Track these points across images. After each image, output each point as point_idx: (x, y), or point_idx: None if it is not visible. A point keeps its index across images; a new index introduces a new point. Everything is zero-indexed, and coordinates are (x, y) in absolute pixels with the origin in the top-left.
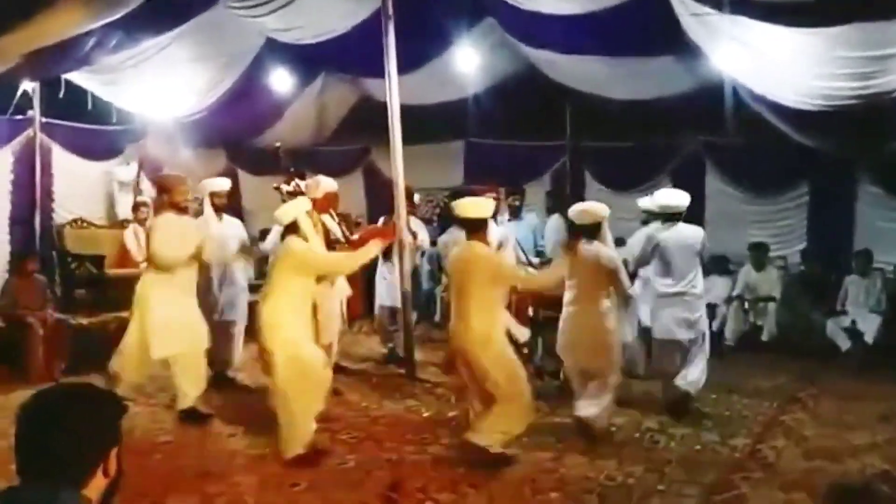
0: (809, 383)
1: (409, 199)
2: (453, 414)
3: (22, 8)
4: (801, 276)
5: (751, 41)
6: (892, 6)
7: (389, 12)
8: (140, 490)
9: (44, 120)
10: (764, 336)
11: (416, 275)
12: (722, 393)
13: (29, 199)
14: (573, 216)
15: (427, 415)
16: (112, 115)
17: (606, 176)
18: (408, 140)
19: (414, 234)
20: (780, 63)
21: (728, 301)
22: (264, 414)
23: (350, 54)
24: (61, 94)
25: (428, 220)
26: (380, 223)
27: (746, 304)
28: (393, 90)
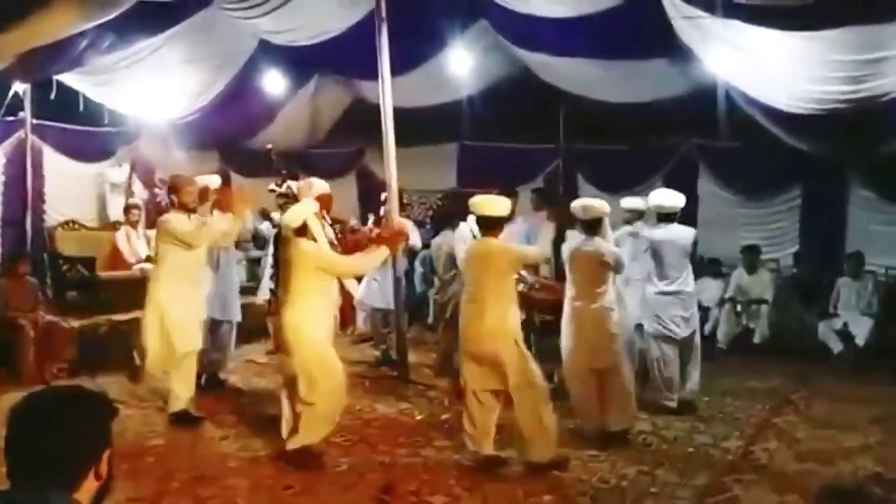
0: (802, 385)
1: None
2: (446, 416)
3: (14, 9)
4: (793, 279)
5: (743, 44)
6: (883, 10)
7: (383, 14)
8: (132, 493)
9: (35, 121)
10: (756, 338)
11: (408, 277)
12: (714, 395)
13: (20, 200)
14: (575, 212)
15: (420, 417)
16: (104, 117)
17: (600, 178)
18: (401, 142)
19: (406, 236)
20: (772, 66)
21: (720, 303)
22: (257, 416)
23: (344, 56)
24: (53, 95)
25: (421, 222)
26: (369, 223)
27: (739, 307)
28: (386, 92)
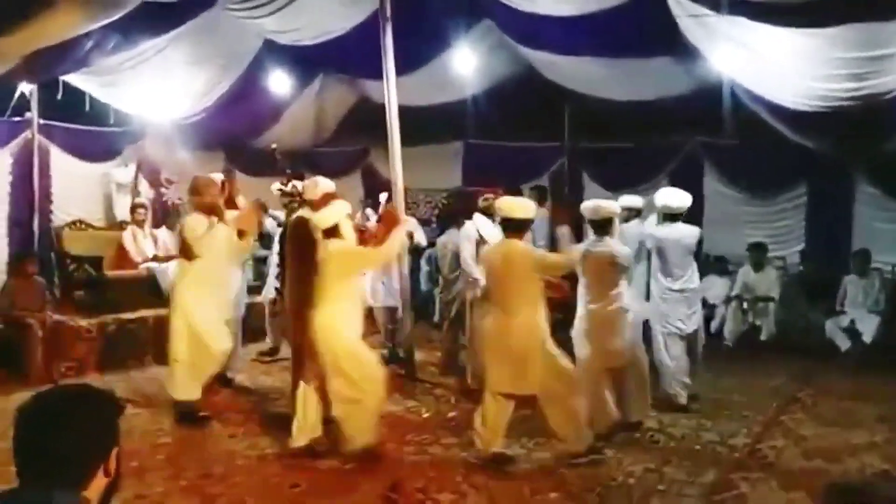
0: (808, 383)
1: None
2: (453, 414)
3: (20, 9)
4: (799, 277)
5: (748, 42)
6: (888, 7)
7: (387, 14)
8: (140, 491)
9: (42, 122)
10: (763, 336)
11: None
12: (721, 393)
13: (27, 200)
14: (586, 213)
15: (427, 415)
16: (110, 117)
17: (604, 177)
18: (406, 141)
19: (410, 234)
20: (777, 64)
21: (727, 301)
22: (264, 415)
23: (348, 55)
24: (59, 95)
25: (426, 220)
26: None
27: (745, 305)
28: (391, 91)
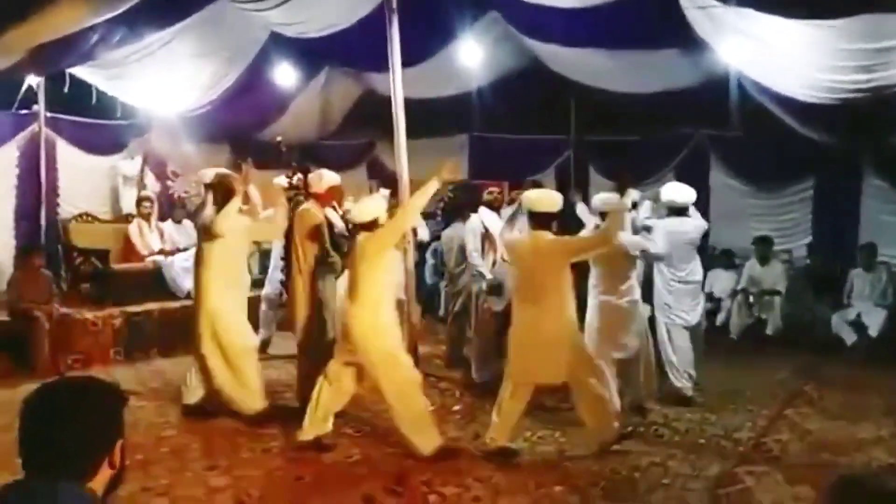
0: (814, 377)
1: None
2: (457, 408)
3: (26, 3)
4: (806, 270)
5: (756, 33)
6: None
7: (393, 6)
8: (146, 483)
9: (48, 114)
10: (768, 330)
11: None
12: (726, 386)
13: (34, 193)
14: (596, 206)
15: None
16: (116, 110)
17: (610, 169)
18: (412, 134)
19: (414, 229)
20: (785, 55)
21: (732, 295)
22: (269, 408)
23: (354, 48)
24: (66, 88)
25: (432, 213)
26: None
27: (751, 298)
28: (397, 84)
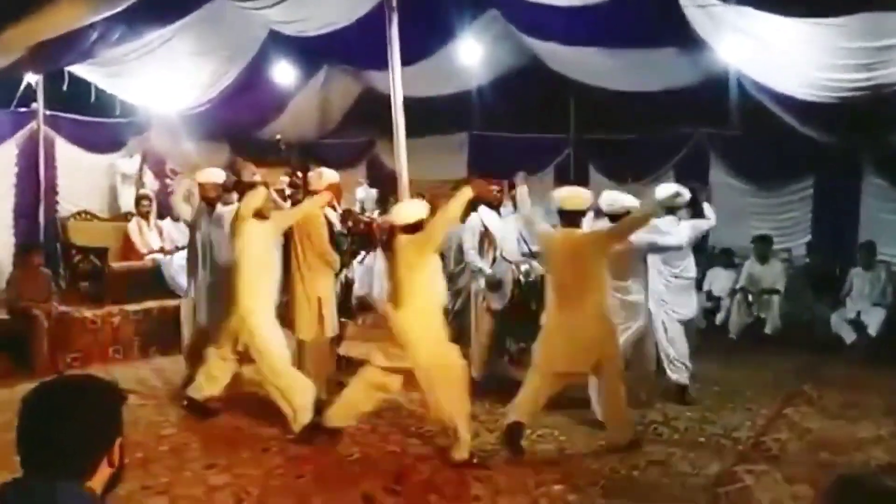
0: (813, 376)
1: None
2: None
3: (25, 1)
4: (805, 269)
5: (756, 32)
6: None
7: (393, 4)
8: (145, 482)
9: (47, 112)
10: (768, 329)
11: None
12: (725, 385)
13: (33, 191)
14: (601, 205)
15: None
16: (116, 108)
17: (610, 168)
18: (411, 132)
19: None
20: (784, 54)
21: (732, 294)
22: (268, 407)
23: (353, 47)
24: (65, 86)
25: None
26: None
27: (750, 297)
28: (396, 82)
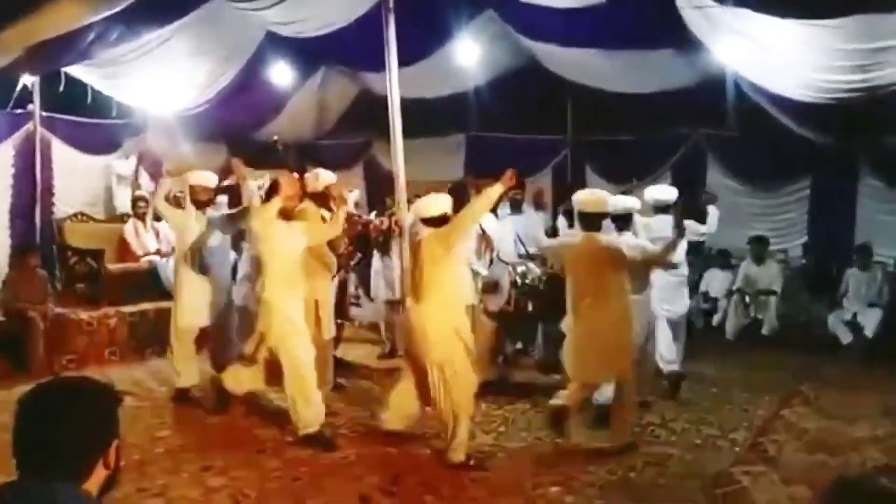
0: (810, 377)
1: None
2: None
3: (22, 2)
4: (802, 270)
5: (752, 33)
6: None
7: (390, 5)
8: (141, 484)
9: (44, 114)
10: (764, 330)
11: None
12: (722, 387)
13: (29, 193)
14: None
15: (428, 409)
16: (112, 109)
17: (608, 169)
18: (409, 133)
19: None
20: (781, 55)
21: (729, 295)
22: (264, 408)
23: (350, 48)
24: (61, 87)
25: None
26: (373, 216)
27: (747, 298)
28: (393, 83)
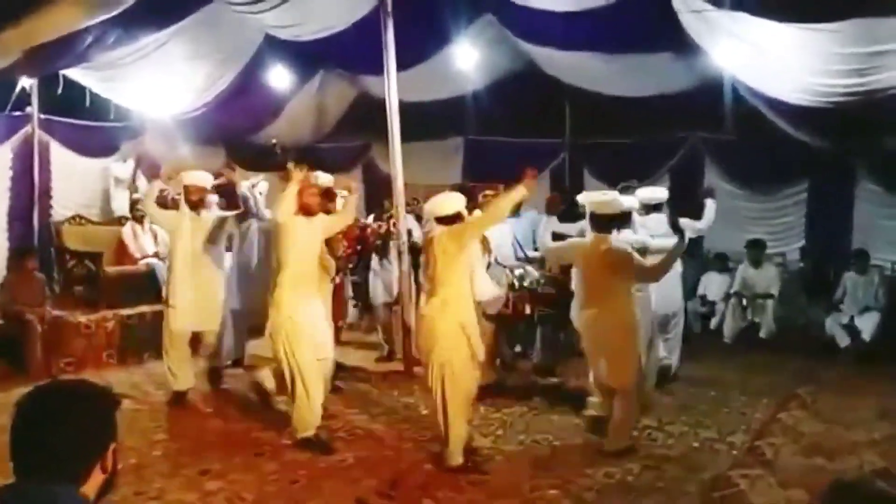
0: (808, 380)
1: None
2: None
3: (21, 4)
4: (799, 273)
5: (749, 37)
6: (889, 3)
7: (388, 9)
8: (138, 488)
9: (42, 116)
10: (762, 333)
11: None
12: (720, 390)
13: (28, 195)
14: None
15: (425, 412)
16: (110, 112)
17: (605, 172)
18: (407, 137)
19: (409, 231)
20: (778, 59)
21: (726, 298)
22: (262, 412)
23: (349, 51)
24: (59, 90)
25: None
26: (370, 219)
27: (745, 301)
28: (392, 87)
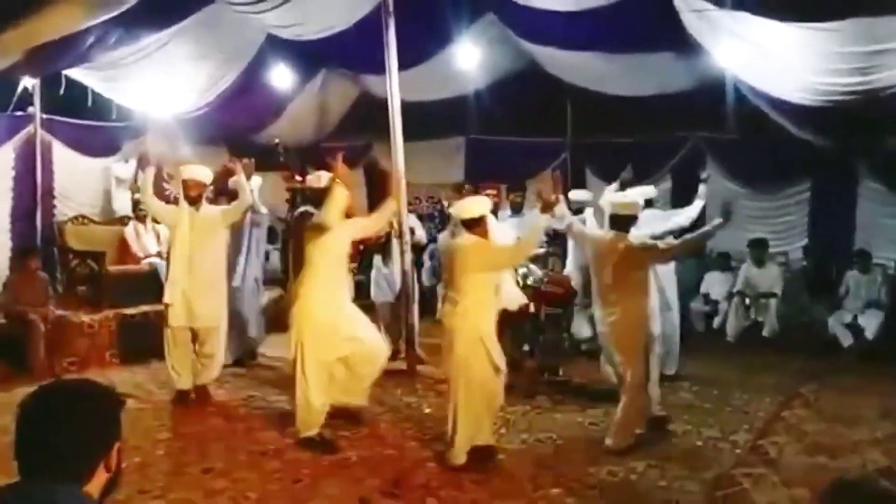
0: (811, 379)
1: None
2: None
3: (23, 4)
4: (802, 272)
5: (751, 36)
6: (891, 1)
7: (390, 8)
8: (142, 486)
9: (44, 116)
10: (765, 332)
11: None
12: (723, 389)
13: (30, 195)
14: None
15: (428, 411)
16: (112, 112)
17: (607, 172)
18: (409, 136)
19: (411, 230)
20: (780, 58)
21: (729, 297)
22: (266, 410)
23: (351, 50)
24: (61, 90)
25: (430, 216)
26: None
27: (747, 301)
28: (394, 86)
